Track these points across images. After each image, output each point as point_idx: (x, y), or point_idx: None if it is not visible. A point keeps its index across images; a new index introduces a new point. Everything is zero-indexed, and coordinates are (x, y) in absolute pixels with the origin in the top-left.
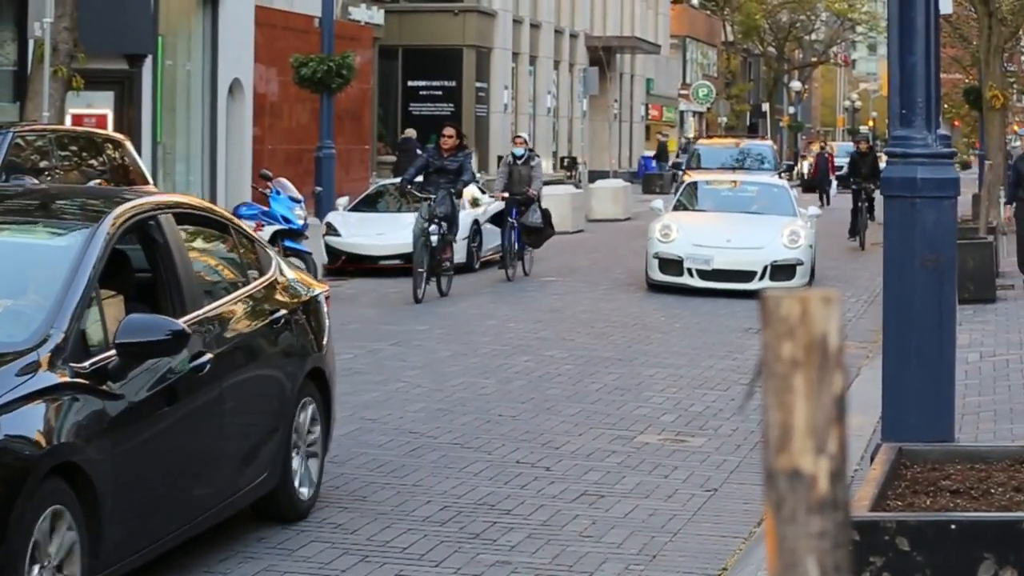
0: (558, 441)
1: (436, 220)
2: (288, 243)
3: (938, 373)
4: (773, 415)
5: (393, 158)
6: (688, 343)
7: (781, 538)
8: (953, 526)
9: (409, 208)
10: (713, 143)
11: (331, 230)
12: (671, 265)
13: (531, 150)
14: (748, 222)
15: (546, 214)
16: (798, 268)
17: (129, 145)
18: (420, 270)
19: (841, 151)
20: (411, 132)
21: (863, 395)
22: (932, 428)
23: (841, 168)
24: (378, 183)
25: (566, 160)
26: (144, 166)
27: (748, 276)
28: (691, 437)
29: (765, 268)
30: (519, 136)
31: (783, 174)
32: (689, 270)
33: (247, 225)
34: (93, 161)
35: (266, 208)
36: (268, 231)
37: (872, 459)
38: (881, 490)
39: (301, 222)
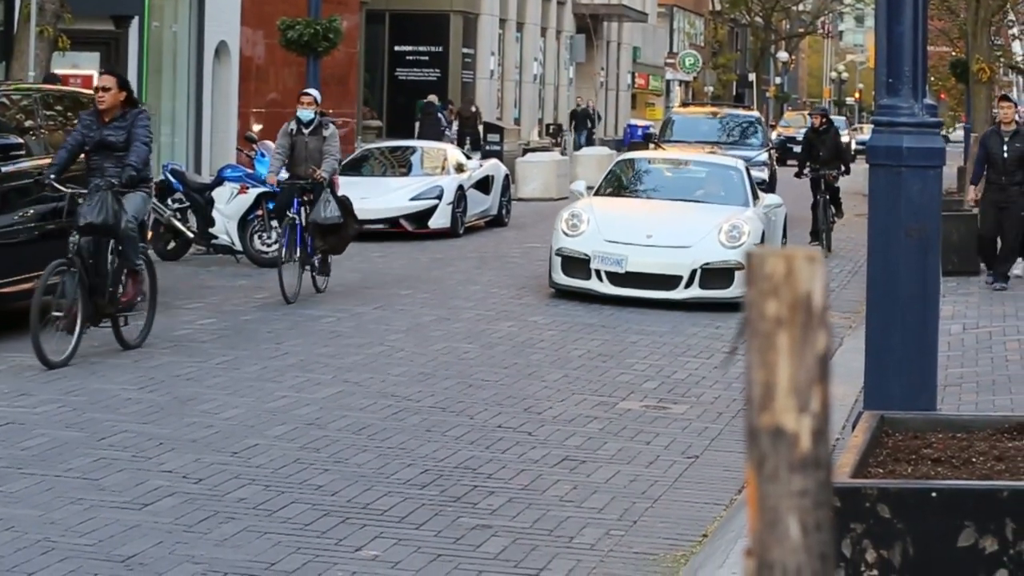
0: (540, 406)
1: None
2: (272, 205)
3: (921, 343)
4: (756, 373)
5: (379, 123)
6: (671, 311)
7: (763, 496)
8: (934, 494)
9: (395, 172)
10: (690, 112)
11: None
12: (576, 266)
13: (324, 113)
14: (681, 213)
15: (345, 204)
16: (737, 273)
17: None
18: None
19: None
20: (433, 97)
21: (846, 365)
22: (915, 398)
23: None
24: (363, 147)
25: (551, 127)
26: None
27: (670, 282)
28: (673, 404)
29: (693, 273)
30: (306, 93)
31: (773, 151)
32: (597, 272)
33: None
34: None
35: (251, 171)
36: (253, 193)
37: (854, 427)
38: (863, 457)
39: None
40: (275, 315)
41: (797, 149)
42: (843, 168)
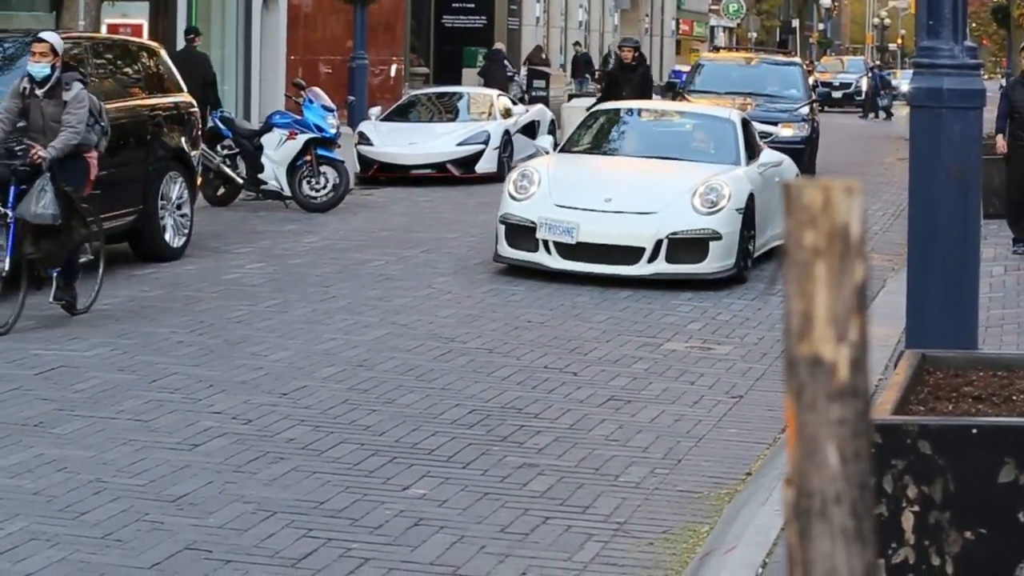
0: (586, 347)
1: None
2: (321, 151)
3: (962, 283)
4: (794, 303)
5: (426, 69)
6: None
7: (801, 425)
8: (975, 430)
9: (442, 118)
10: (722, 58)
11: (363, 139)
12: (522, 235)
13: (75, 67)
14: (652, 173)
15: (69, 199)
16: (712, 244)
17: (164, 53)
18: None
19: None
20: (500, 45)
21: (889, 306)
22: (955, 337)
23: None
24: (410, 94)
25: (596, 73)
26: (179, 74)
27: (630, 255)
28: (717, 344)
29: (658, 244)
30: (40, 40)
31: (816, 104)
32: (545, 243)
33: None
34: (128, 69)
35: (299, 117)
36: (301, 139)
37: (896, 365)
38: (904, 395)
39: (334, 131)
40: (324, 259)
41: (836, 95)
42: None
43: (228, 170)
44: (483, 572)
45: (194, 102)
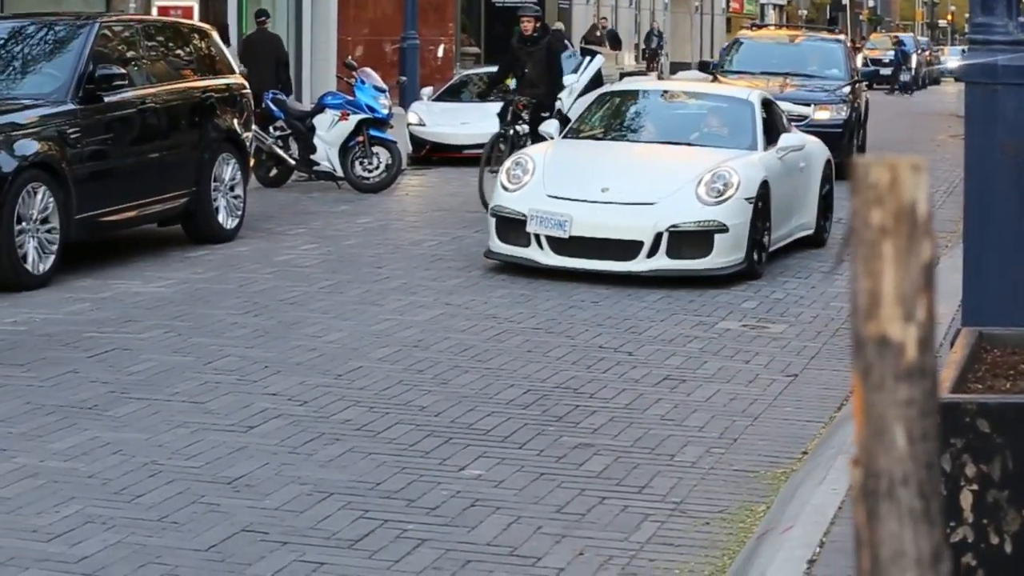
0: (640, 327)
1: None
2: (373, 132)
3: (1018, 260)
4: (862, 282)
5: (477, 49)
6: None
7: (869, 405)
8: None
9: (493, 98)
10: (761, 36)
11: (416, 120)
12: (512, 228)
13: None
14: (656, 159)
15: None
16: (717, 237)
17: (215, 35)
18: None
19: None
20: (559, 25)
21: (944, 283)
22: (1012, 315)
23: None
24: (461, 74)
25: (647, 51)
26: (231, 56)
27: (627, 250)
28: (771, 323)
29: (658, 237)
30: None
31: (860, 84)
32: (536, 238)
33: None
34: (180, 51)
35: (351, 97)
36: (353, 120)
37: (952, 344)
38: (961, 373)
39: (386, 111)
40: (377, 239)
41: (885, 72)
42: (550, 94)
43: (280, 151)
44: (540, 553)
45: (246, 83)
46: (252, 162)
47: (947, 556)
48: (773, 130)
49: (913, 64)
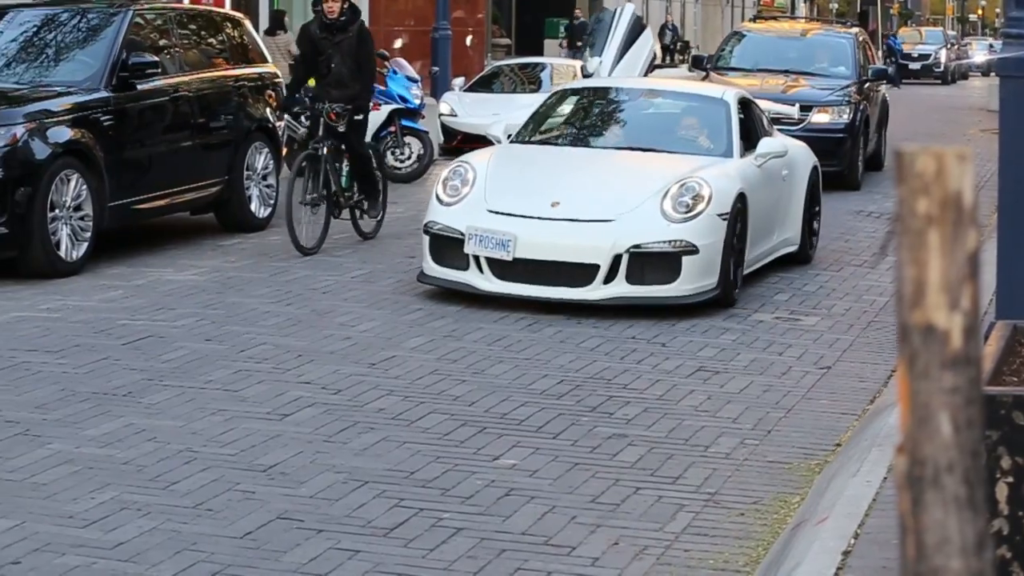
0: (673, 318)
1: None
2: (405, 122)
3: None
4: (907, 270)
5: (508, 40)
6: None
7: (914, 393)
8: None
9: (525, 89)
10: (764, 28)
11: (447, 110)
12: (449, 248)
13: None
14: (613, 169)
15: None
16: (686, 260)
17: (248, 24)
18: None
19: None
20: (579, 13)
21: None
22: None
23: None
24: (493, 65)
25: (678, 44)
26: (263, 46)
27: (581, 275)
28: (804, 316)
29: (617, 259)
30: None
31: (868, 84)
32: (476, 260)
33: None
34: (212, 40)
35: (383, 87)
36: (385, 110)
37: (986, 338)
38: (997, 366)
39: (418, 101)
40: (409, 229)
41: (914, 67)
42: (364, 93)
43: None
44: (574, 542)
45: (278, 72)
46: (284, 151)
47: (991, 544)
48: (752, 133)
49: (942, 58)
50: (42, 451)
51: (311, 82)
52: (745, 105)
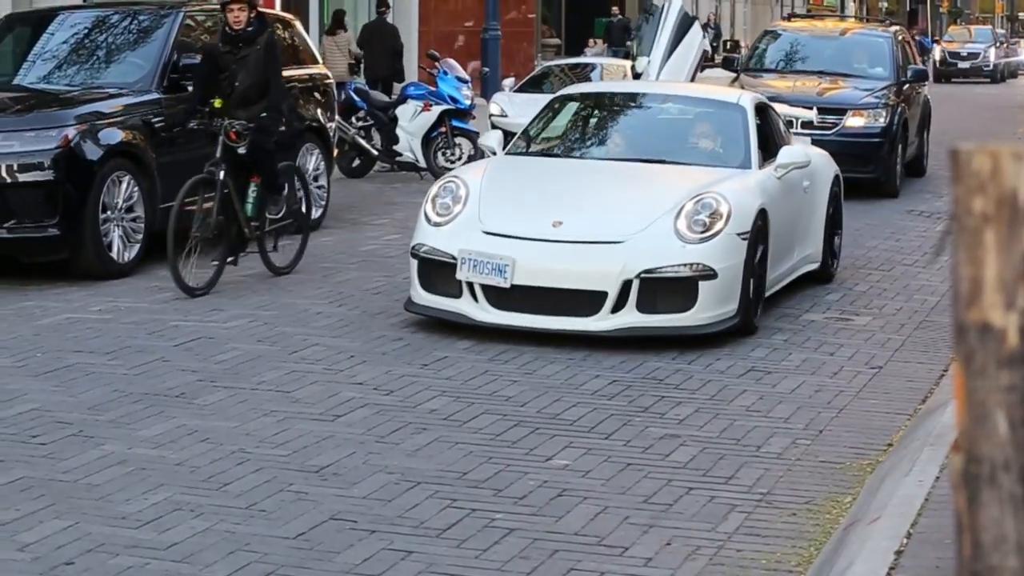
0: None
1: None
2: (455, 123)
3: None
4: (964, 269)
5: (557, 40)
6: (851, 224)
7: (971, 391)
8: None
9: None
10: (798, 27)
11: (497, 111)
12: (439, 274)
13: None
14: (621, 184)
15: None
16: (703, 285)
17: (299, 25)
18: None
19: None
20: (615, 11)
21: None
22: None
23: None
24: (543, 65)
25: (728, 43)
26: (314, 46)
27: (588, 303)
28: (855, 316)
29: (626, 286)
30: None
31: (907, 86)
32: (470, 287)
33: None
34: None
35: (433, 88)
36: (436, 111)
37: None
38: None
39: (468, 102)
40: None
41: (963, 65)
42: (273, 112)
43: (363, 142)
44: (627, 542)
45: (329, 73)
46: (335, 153)
47: None
48: (770, 141)
49: (991, 57)
50: (95, 452)
51: (217, 103)
52: (762, 110)
